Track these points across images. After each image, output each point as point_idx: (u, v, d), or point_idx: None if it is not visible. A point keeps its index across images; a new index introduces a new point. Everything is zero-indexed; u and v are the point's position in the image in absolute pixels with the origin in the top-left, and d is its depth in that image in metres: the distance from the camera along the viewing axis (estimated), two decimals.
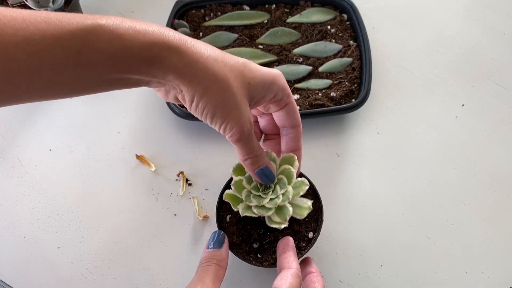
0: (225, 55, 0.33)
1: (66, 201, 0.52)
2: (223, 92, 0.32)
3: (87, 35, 0.27)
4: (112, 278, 0.48)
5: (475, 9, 0.66)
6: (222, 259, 0.38)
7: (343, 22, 0.62)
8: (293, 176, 0.39)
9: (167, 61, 0.30)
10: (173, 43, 0.30)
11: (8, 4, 0.54)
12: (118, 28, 0.28)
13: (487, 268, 0.48)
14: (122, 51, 0.28)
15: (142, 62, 0.29)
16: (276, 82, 0.35)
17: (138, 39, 0.28)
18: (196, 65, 0.31)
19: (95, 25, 0.27)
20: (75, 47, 0.27)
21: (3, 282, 0.48)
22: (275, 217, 0.40)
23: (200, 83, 0.31)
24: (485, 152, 0.55)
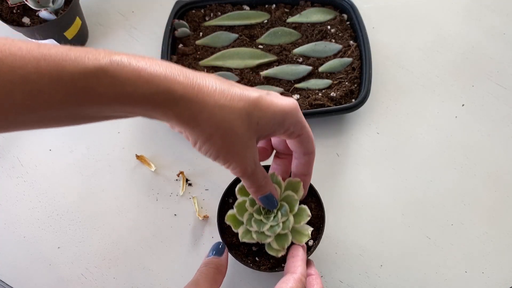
0: (235, 95, 0.31)
1: (66, 201, 0.52)
2: (226, 139, 0.31)
3: (87, 79, 0.26)
4: (112, 278, 0.48)
5: (475, 9, 0.66)
6: (221, 265, 0.38)
7: (343, 22, 0.62)
8: (296, 204, 0.39)
9: (170, 111, 0.29)
10: (177, 92, 0.28)
11: (8, 4, 0.54)
12: (121, 74, 0.27)
13: (487, 268, 0.48)
14: (123, 98, 0.27)
15: (143, 108, 0.28)
16: (288, 119, 0.34)
17: (141, 86, 0.27)
18: (200, 115, 0.30)
19: (97, 68, 0.26)
20: (74, 90, 0.26)
21: (3, 282, 0.48)
22: (274, 244, 0.40)
23: (203, 131, 0.30)
24: (485, 152, 0.55)
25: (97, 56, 0.27)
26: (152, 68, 0.28)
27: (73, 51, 0.26)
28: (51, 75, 0.25)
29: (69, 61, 0.26)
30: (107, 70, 0.26)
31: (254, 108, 0.32)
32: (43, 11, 0.53)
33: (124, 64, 0.27)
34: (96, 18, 0.65)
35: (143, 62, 0.28)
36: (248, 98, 0.32)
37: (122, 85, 0.27)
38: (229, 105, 0.31)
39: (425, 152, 0.55)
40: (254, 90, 0.33)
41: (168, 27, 0.59)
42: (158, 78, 0.28)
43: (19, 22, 0.55)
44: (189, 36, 0.61)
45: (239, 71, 0.58)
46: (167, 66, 0.29)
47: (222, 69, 0.58)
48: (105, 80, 0.26)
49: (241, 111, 0.31)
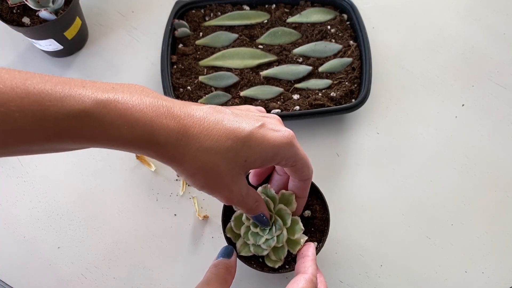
0: (223, 134, 0.31)
1: (66, 201, 0.52)
2: (209, 178, 0.31)
3: (70, 121, 0.26)
4: (112, 278, 0.48)
5: (475, 9, 0.66)
6: (230, 266, 0.38)
7: (343, 22, 0.62)
8: (289, 218, 0.40)
9: (153, 153, 0.29)
10: (161, 137, 0.28)
11: (8, 4, 0.54)
12: (105, 118, 0.26)
13: (487, 268, 0.48)
14: (106, 140, 0.27)
15: (126, 149, 0.29)
16: (279, 154, 0.33)
17: (125, 131, 0.27)
18: (183, 157, 0.30)
19: (81, 111, 0.26)
20: (58, 131, 0.26)
21: (3, 282, 0.48)
22: (271, 255, 0.40)
23: (186, 170, 0.30)
24: (485, 152, 0.55)
25: (82, 96, 0.26)
26: (138, 110, 0.28)
27: (59, 88, 0.26)
28: (34, 114, 0.25)
29: (54, 101, 0.25)
30: (91, 113, 0.26)
31: (242, 146, 0.31)
32: (43, 11, 0.53)
33: (109, 106, 0.27)
34: (96, 18, 0.65)
35: (130, 102, 0.28)
36: (237, 136, 0.31)
37: (106, 129, 0.27)
38: (215, 146, 0.30)
39: (425, 152, 0.55)
40: (248, 121, 0.32)
41: (168, 27, 0.59)
42: (142, 123, 0.28)
43: (19, 22, 0.55)
44: (189, 36, 0.61)
45: (239, 71, 0.58)
46: (155, 106, 0.29)
47: (222, 69, 0.58)
48: (89, 123, 0.26)
49: (228, 151, 0.31)
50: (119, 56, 0.62)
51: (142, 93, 0.29)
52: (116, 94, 0.27)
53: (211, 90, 0.56)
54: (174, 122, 0.29)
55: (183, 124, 0.29)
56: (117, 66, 0.61)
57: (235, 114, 0.33)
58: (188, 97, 0.56)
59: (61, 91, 0.26)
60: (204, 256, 0.49)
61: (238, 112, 0.34)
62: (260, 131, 0.32)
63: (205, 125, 0.30)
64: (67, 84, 0.26)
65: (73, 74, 0.61)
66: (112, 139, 0.27)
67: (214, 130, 0.30)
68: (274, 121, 0.34)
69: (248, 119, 0.33)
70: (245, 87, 0.57)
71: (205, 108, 0.32)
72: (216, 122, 0.31)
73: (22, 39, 0.63)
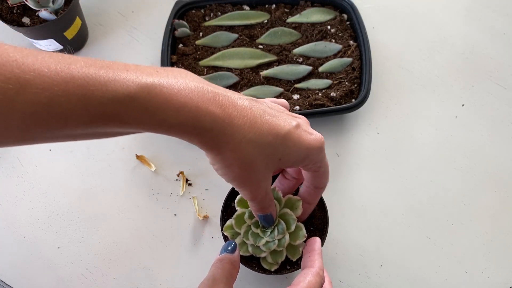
0: (264, 128, 0.30)
1: (66, 201, 0.52)
2: (245, 170, 0.31)
3: (115, 106, 0.25)
4: (112, 278, 0.48)
5: (475, 9, 0.66)
6: (235, 260, 0.38)
7: (343, 22, 0.62)
8: (293, 223, 0.39)
9: (196, 139, 0.29)
10: (206, 124, 0.28)
11: (8, 4, 0.54)
12: (151, 103, 0.26)
13: (487, 268, 0.48)
14: (150, 125, 0.27)
15: (170, 133, 0.28)
16: (310, 156, 0.34)
17: (170, 116, 0.27)
18: (225, 145, 0.29)
19: (126, 96, 0.26)
20: (102, 115, 0.25)
21: (3, 282, 0.48)
22: (268, 258, 0.40)
23: (224, 159, 0.30)
24: (485, 152, 0.55)
25: (126, 80, 0.26)
26: (183, 95, 0.27)
27: (103, 73, 0.26)
28: (79, 99, 0.24)
29: (98, 85, 0.25)
30: (136, 98, 0.26)
31: (281, 144, 0.31)
32: (43, 11, 0.53)
33: (155, 91, 0.26)
34: (96, 18, 0.65)
35: (175, 87, 0.27)
36: (278, 133, 0.31)
37: (151, 114, 0.26)
38: (256, 140, 0.30)
39: (425, 152, 0.55)
40: (285, 120, 0.32)
41: (168, 27, 0.59)
42: (188, 108, 0.27)
43: (19, 22, 0.55)
44: (189, 36, 0.61)
45: (239, 71, 0.58)
46: (201, 92, 0.28)
47: (222, 69, 0.58)
48: (134, 108, 0.26)
49: (267, 146, 0.31)
50: (119, 56, 0.62)
51: (187, 77, 0.29)
52: (160, 78, 0.27)
53: None
54: (220, 110, 0.29)
55: (228, 113, 0.29)
56: None
57: (272, 109, 0.33)
58: None
59: (105, 75, 0.25)
60: (204, 256, 0.49)
61: (273, 108, 0.34)
62: (297, 131, 0.32)
63: (249, 116, 0.30)
64: (110, 68, 0.26)
65: None
66: (157, 124, 0.27)
67: (257, 124, 0.30)
68: (305, 122, 0.35)
69: (285, 117, 0.33)
70: (245, 87, 0.57)
71: (247, 99, 0.31)
72: (259, 115, 0.31)
73: (22, 39, 0.63)
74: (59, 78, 0.24)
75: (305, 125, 0.34)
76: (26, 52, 0.24)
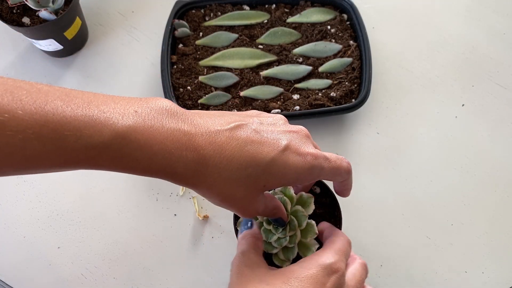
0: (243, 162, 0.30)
1: (66, 201, 0.52)
2: (224, 202, 0.31)
3: (88, 152, 0.26)
4: (112, 278, 0.48)
5: (476, 9, 0.66)
6: (256, 233, 0.38)
7: (343, 22, 0.62)
8: (305, 220, 0.39)
9: (170, 180, 0.29)
10: (179, 170, 0.28)
11: (8, 4, 0.54)
12: (124, 151, 0.26)
13: (487, 268, 0.48)
14: (123, 169, 0.27)
15: (144, 175, 0.29)
16: (300, 179, 0.32)
17: (143, 163, 0.27)
18: (200, 184, 0.30)
19: (99, 143, 0.25)
20: (75, 160, 0.26)
21: (3, 282, 0.48)
22: (280, 255, 0.40)
23: (202, 193, 0.31)
24: (485, 152, 0.55)
25: (101, 126, 0.26)
26: (158, 141, 0.27)
27: (79, 115, 0.25)
28: (53, 143, 0.24)
29: (73, 130, 0.25)
30: (110, 145, 0.26)
31: (263, 173, 0.30)
32: (43, 11, 0.53)
33: (129, 138, 0.26)
34: (96, 18, 0.65)
35: (151, 132, 0.27)
36: (258, 163, 0.30)
37: (123, 161, 0.27)
38: (234, 176, 0.30)
39: (425, 152, 0.55)
40: (272, 143, 0.31)
41: (168, 27, 0.59)
42: (162, 155, 0.27)
43: (19, 22, 0.55)
44: (189, 36, 0.61)
45: (239, 71, 0.58)
46: (176, 137, 0.28)
47: (222, 69, 0.58)
48: (107, 154, 0.26)
49: (247, 178, 0.30)
50: (119, 56, 0.62)
51: (164, 115, 0.28)
52: (137, 120, 0.27)
53: (211, 90, 0.56)
54: (193, 153, 0.28)
55: (203, 154, 0.29)
56: (117, 66, 0.61)
57: (259, 131, 0.32)
58: (188, 97, 0.56)
59: (81, 119, 0.25)
60: (204, 256, 0.49)
61: (262, 128, 0.32)
62: (282, 157, 0.31)
63: (226, 153, 0.29)
64: (87, 109, 0.26)
65: (73, 74, 0.61)
66: (129, 169, 0.28)
67: (234, 159, 0.30)
68: (299, 137, 0.33)
69: (272, 138, 0.32)
70: (245, 87, 0.57)
71: (228, 129, 0.30)
72: (238, 149, 0.30)
73: (22, 39, 0.63)
74: (33, 121, 0.24)
75: (298, 141, 0.33)
76: (3, 89, 0.24)
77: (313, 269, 0.30)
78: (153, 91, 0.59)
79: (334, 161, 0.34)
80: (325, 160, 0.33)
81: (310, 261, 0.31)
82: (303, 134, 0.34)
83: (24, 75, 0.60)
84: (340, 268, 0.31)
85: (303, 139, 0.33)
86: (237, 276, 0.32)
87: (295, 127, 0.34)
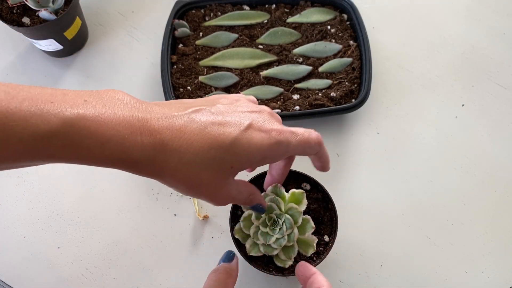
0: (205, 145, 0.29)
1: (66, 201, 0.52)
2: (191, 188, 0.30)
3: (36, 142, 0.25)
4: (112, 278, 0.48)
5: (476, 9, 0.66)
6: (231, 269, 0.37)
7: (343, 22, 0.62)
8: (300, 216, 0.40)
9: (128, 169, 0.28)
10: (134, 156, 0.27)
11: (8, 4, 0.54)
12: (74, 138, 0.25)
13: (487, 268, 0.48)
14: (76, 158, 0.27)
15: (100, 165, 0.28)
16: (267, 156, 0.32)
17: (95, 151, 0.26)
18: (161, 172, 0.29)
19: (47, 131, 0.25)
20: (23, 150, 0.25)
21: (3, 282, 0.48)
22: (281, 255, 0.40)
23: (167, 182, 0.30)
24: (485, 152, 0.55)
25: (48, 115, 0.25)
26: (110, 127, 0.26)
27: (25, 106, 0.24)
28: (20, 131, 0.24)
29: (18, 120, 0.24)
30: (58, 133, 0.25)
31: (227, 154, 0.29)
32: (43, 11, 0.53)
33: (78, 125, 0.25)
34: (96, 18, 0.65)
35: (101, 118, 0.26)
36: (221, 144, 0.29)
37: (75, 149, 0.26)
38: (196, 159, 0.29)
39: (425, 152, 0.55)
40: (234, 123, 0.30)
41: (168, 27, 0.59)
42: (114, 141, 0.26)
43: (19, 22, 0.55)
44: (189, 36, 0.61)
45: (239, 71, 0.58)
46: (129, 122, 0.27)
47: (222, 69, 0.58)
48: (56, 143, 0.25)
49: (211, 160, 0.29)
50: (119, 56, 0.62)
51: (117, 105, 0.27)
52: (87, 109, 0.26)
53: (211, 90, 0.56)
54: (149, 138, 0.27)
55: (160, 139, 0.28)
56: (117, 66, 0.61)
57: (220, 113, 0.31)
58: (188, 97, 0.56)
59: (26, 109, 0.24)
60: (204, 256, 0.49)
61: (223, 108, 0.31)
62: (245, 135, 0.30)
63: (185, 137, 0.28)
64: (34, 100, 0.25)
65: (73, 74, 0.61)
66: (82, 158, 0.26)
67: (195, 142, 0.29)
68: (263, 116, 0.32)
69: (234, 119, 0.31)
70: (245, 87, 0.57)
71: (186, 114, 0.30)
72: (198, 131, 0.29)
73: (22, 39, 0.63)
74: (2, 116, 0.23)
75: (262, 120, 0.32)
76: None
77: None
78: (153, 91, 0.59)
79: (301, 134, 0.34)
80: (291, 134, 0.33)
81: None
82: (266, 113, 0.33)
83: (24, 75, 0.61)
84: None
85: (266, 117, 0.33)
86: None
87: (257, 107, 0.34)
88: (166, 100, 0.54)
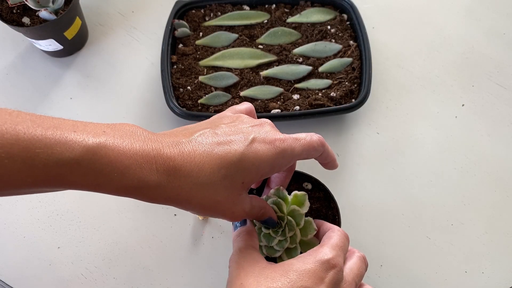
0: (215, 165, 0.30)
1: (66, 201, 0.52)
2: (207, 210, 0.32)
3: (60, 168, 0.26)
4: (112, 278, 0.48)
5: (475, 9, 0.66)
6: (250, 230, 0.38)
7: (343, 22, 0.62)
8: (302, 218, 0.39)
9: (145, 197, 0.29)
10: (152, 183, 0.28)
11: (8, 4, 0.54)
12: (95, 166, 0.27)
13: (487, 268, 0.48)
14: (95, 187, 0.28)
15: (117, 194, 0.29)
16: (275, 166, 0.33)
17: (114, 179, 0.27)
18: (177, 197, 0.30)
19: (71, 159, 0.26)
20: (46, 177, 0.26)
21: (3, 282, 0.48)
22: (284, 257, 0.40)
23: (184, 207, 0.31)
24: (485, 152, 0.55)
25: (72, 143, 0.26)
26: (128, 156, 0.28)
27: (49, 134, 0.26)
28: (23, 161, 0.25)
29: (44, 147, 0.25)
30: (81, 161, 0.26)
31: (237, 171, 0.31)
32: (43, 11, 0.53)
33: (100, 153, 0.27)
34: (96, 18, 0.65)
35: (121, 148, 0.28)
36: (230, 162, 0.31)
37: (96, 177, 0.27)
38: (209, 180, 0.30)
39: (425, 152, 0.55)
40: (238, 140, 0.32)
41: (168, 27, 0.59)
42: (133, 170, 0.28)
43: (19, 22, 0.55)
44: (189, 36, 0.61)
45: (239, 71, 0.58)
46: (145, 152, 0.28)
47: (222, 69, 0.58)
48: (78, 171, 0.26)
49: (223, 179, 0.31)
50: (119, 56, 0.62)
51: (132, 136, 0.29)
52: (107, 139, 0.27)
53: (211, 90, 0.56)
54: (163, 165, 0.29)
55: (173, 165, 0.29)
56: (117, 66, 0.61)
57: (224, 133, 0.32)
58: (188, 97, 0.56)
59: (51, 137, 0.26)
60: (204, 256, 0.49)
61: (226, 128, 0.33)
62: (251, 149, 0.32)
63: (195, 160, 0.30)
64: (58, 128, 0.26)
65: (73, 74, 0.61)
66: (102, 186, 0.28)
67: (206, 164, 0.30)
68: (265, 129, 0.34)
69: (238, 136, 0.32)
70: (245, 87, 0.57)
71: (193, 138, 0.31)
72: (206, 154, 0.30)
73: (22, 39, 0.63)
74: (4, 141, 0.24)
75: (264, 132, 0.33)
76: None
77: (312, 264, 0.31)
78: (153, 91, 0.59)
79: (303, 138, 0.35)
80: (294, 141, 0.34)
81: (308, 257, 0.32)
82: (267, 124, 0.35)
83: (24, 75, 0.61)
84: (338, 264, 0.32)
85: (267, 129, 0.34)
86: (237, 271, 0.32)
87: (258, 121, 0.35)
88: (166, 100, 0.54)
